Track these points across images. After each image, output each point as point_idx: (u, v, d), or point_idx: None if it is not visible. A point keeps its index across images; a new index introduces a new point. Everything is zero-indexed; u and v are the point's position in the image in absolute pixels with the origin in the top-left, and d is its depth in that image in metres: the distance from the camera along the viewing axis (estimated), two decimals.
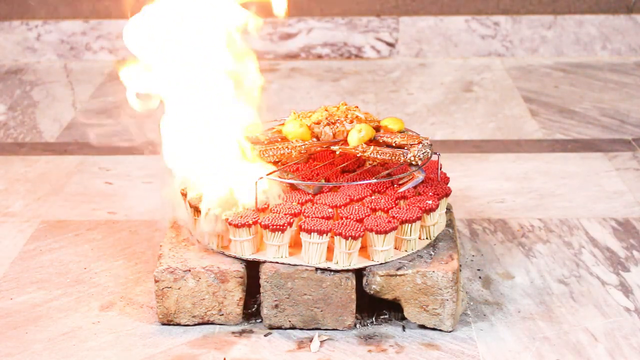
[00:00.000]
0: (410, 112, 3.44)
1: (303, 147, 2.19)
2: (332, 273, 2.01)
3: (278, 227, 2.01)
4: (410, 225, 2.05)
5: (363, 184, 2.16)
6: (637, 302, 2.17)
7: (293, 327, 2.06)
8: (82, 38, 4.03)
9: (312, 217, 2.03)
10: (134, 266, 2.34)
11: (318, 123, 2.23)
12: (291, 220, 2.03)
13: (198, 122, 2.12)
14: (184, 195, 2.16)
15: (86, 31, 4.02)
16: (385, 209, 2.08)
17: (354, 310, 2.05)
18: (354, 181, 2.16)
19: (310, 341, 2.02)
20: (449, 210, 2.26)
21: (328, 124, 2.23)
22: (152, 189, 2.78)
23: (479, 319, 2.11)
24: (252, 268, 2.06)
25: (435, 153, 2.21)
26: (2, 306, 2.17)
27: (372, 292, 2.04)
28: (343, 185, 2.16)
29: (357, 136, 2.18)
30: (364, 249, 2.04)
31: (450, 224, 2.21)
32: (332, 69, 3.92)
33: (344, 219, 2.05)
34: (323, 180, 2.18)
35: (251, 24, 2.18)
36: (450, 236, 2.16)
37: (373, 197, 2.13)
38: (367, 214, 2.06)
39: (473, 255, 2.39)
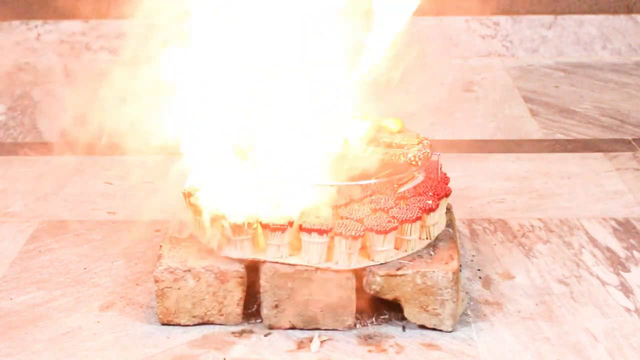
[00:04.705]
0: (410, 112, 3.43)
1: None
2: (332, 273, 2.01)
3: (278, 227, 2.01)
4: (410, 225, 2.05)
5: (363, 184, 2.15)
6: (637, 302, 2.17)
7: (293, 327, 2.06)
8: (82, 38, 4.03)
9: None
10: (134, 266, 2.34)
11: None
12: (292, 220, 2.03)
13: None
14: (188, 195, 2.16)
15: (86, 31, 4.02)
16: (385, 209, 2.08)
17: (354, 310, 2.05)
18: (354, 181, 2.15)
19: (310, 341, 2.02)
20: (449, 210, 2.26)
21: None
22: (152, 189, 2.78)
23: (479, 319, 2.11)
24: (253, 268, 2.06)
25: (435, 153, 2.21)
26: (2, 306, 2.17)
27: (372, 292, 2.03)
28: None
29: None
30: (364, 249, 2.04)
31: (450, 224, 2.21)
32: None
33: (344, 219, 2.05)
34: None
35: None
36: (450, 236, 2.16)
37: (373, 197, 2.13)
38: (367, 214, 2.06)
39: (473, 255, 2.39)
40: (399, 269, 2.02)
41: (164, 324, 2.08)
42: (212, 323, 2.08)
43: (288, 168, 2.06)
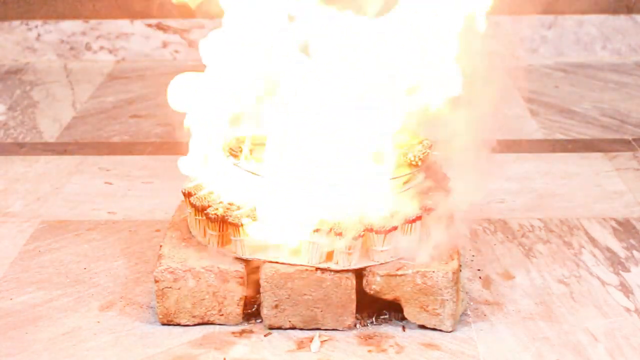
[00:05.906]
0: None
1: None
2: (332, 273, 2.01)
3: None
4: (410, 225, 2.05)
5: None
6: (637, 302, 2.17)
7: (293, 327, 2.06)
8: (82, 38, 4.03)
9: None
10: (134, 266, 2.34)
11: None
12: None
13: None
14: (187, 195, 2.16)
15: (86, 31, 4.02)
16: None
17: (354, 310, 2.05)
18: None
19: (310, 341, 2.02)
20: None
21: None
22: (152, 188, 2.78)
23: (479, 319, 2.11)
24: (253, 268, 2.06)
25: (435, 153, 2.21)
26: (2, 306, 2.17)
27: (372, 292, 2.03)
28: None
29: None
30: (364, 248, 2.04)
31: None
32: None
33: (344, 219, 2.05)
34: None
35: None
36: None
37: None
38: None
39: (473, 255, 2.39)
40: (398, 269, 2.02)
41: (164, 324, 2.08)
42: (212, 323, 2.08)
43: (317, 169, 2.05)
